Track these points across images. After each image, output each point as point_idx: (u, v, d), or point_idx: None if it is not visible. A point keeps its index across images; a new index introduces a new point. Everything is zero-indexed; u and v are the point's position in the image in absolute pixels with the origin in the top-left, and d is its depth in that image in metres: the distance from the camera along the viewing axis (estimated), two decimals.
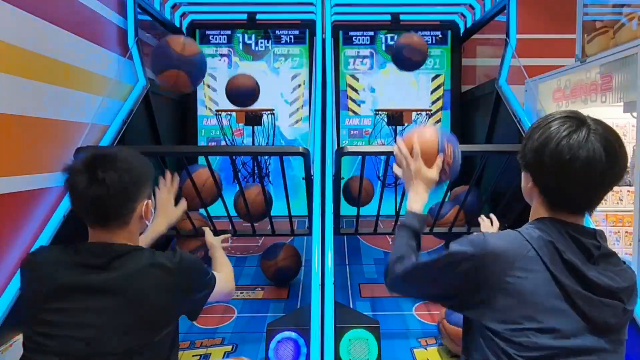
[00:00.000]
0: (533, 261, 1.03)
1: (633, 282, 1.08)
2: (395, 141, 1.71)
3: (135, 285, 1.21)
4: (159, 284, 1.24)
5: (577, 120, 1.05)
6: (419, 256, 1.24)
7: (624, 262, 1.11)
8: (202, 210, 2.69)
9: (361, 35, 4.35)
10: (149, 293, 1.22)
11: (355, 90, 4.34)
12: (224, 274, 1.66)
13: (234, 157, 2.53)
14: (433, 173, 1.39)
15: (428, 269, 1.16)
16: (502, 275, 1.02)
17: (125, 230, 1.30)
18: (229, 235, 2.27)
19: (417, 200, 1.36)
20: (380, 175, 3.74)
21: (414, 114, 3.64)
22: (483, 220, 2.04)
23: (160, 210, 1.94)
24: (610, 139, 1.03)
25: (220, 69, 4.28)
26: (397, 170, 1.46)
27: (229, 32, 4.28)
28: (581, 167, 1.00)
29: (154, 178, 1.40)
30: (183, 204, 2.02)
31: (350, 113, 4.32)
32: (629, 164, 3.48)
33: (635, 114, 2.57)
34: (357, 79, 4.34)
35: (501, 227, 2.02)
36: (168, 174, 2.02)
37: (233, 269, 1.82)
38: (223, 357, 2.26)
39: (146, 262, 1.25)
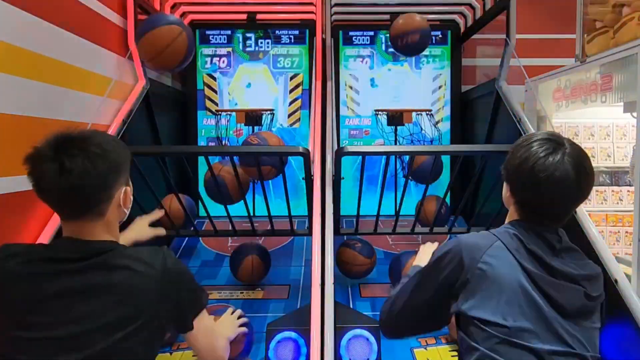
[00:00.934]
0: (500, 250, 1.17)
1: (595, 272, 1.22)
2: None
3: (117, 285, 1.12)
4: (138, 283, 1.15)
5: (555, 143, 1.19)
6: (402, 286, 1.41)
7: (586, 257, 1.26)
8: (202, 211, 2.68)
9: (361, 35, 4.35)
10: (131, 293, 1.13)
11: (356, 90, 4.34)
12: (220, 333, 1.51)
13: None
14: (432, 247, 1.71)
15: (415, 286, 1.30)
16: (475, 262, 1.16)
17: (103, 222, 1.19)
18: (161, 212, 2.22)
19: (422, 261, 1.59)
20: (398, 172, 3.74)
21: (414, 114, 3.64)
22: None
23: (133, 229, 1.93)
24: (581, 161, 1.17)
25: (219, 69, 4.28)
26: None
27: (229, 32, 4.28)
28: (553, 185, 1.15)
29: (130, 161, 1.28)
30: (158, 231, 2.05)
31: (350, 113, 4.32)
32: (629, 164, 3.48)
33: (635, 114, 2.57)
34: (357, 79, 4.34)
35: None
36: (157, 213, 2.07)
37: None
38: None
39: (127, 261, 1.15)
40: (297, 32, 4.29)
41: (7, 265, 1.15)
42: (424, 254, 1.65)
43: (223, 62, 4.29)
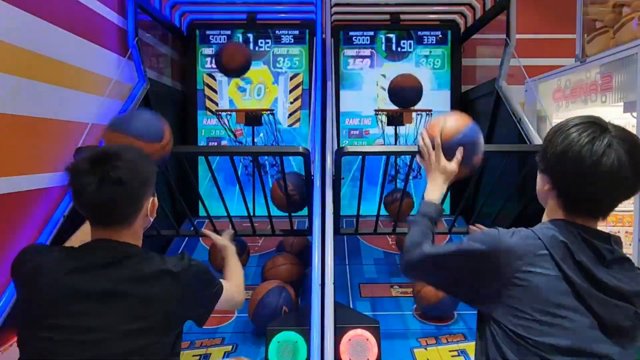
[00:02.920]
0: (544, 259, 1.04)
1: None
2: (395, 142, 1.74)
3: (143, 291, 1.19)
4: (166, 290, 1.22)
5: (598, 127, 1.06)
6: (433, 246, 1.27)
7: (638, 268, 1.10)
8: (202, 211, 2.68)
9: (361, 35, 4.35)
10: (156, 300, 1.19)
11: (355, 90, 4.34)
12: (233, 284, 1.59)
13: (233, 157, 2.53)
14: (453, 166, 1.45)
15: (443, 260, 1.19)
16: (513, 271, 1.04)
17: (130, 230, 1.27)
18: (232, 232, 2.19)
19: (435, 191, 1.41)
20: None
21: (414, 114, 3.64)
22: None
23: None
24: (634, 145, 1.04)
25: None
26: (419, 160, 1.53)
27: (228, 32, 4.28)
28: (605, 174, 1.01)
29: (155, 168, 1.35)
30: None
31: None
32: None
33: (635, 114, 2.57)
34: (356, 79, 4.34)
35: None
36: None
37: (244, 279, 1.72)
38: (223, 357, 2.26)
39: (156, 268, 1.22)
40: (297, 32, 4.29)
41: (40, 260, 1.22)
42: (433, 176, 1.45)
43: None
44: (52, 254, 1.25)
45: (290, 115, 4.30)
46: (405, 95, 3.39)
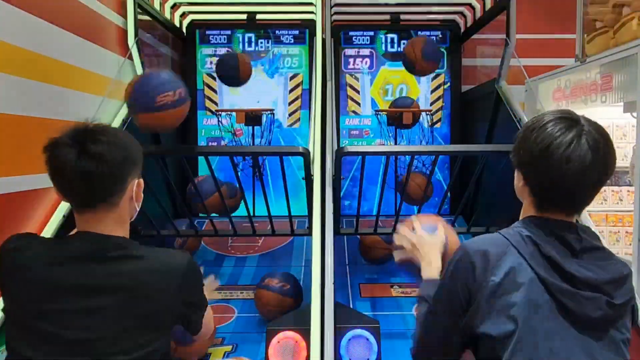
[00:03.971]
0: (513, 257, 1.05)
1: (621, 275, 1.08)
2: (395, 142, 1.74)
3: (136, 284, 1.15)
4: (160, 282, 1.18)
5: (570, 121, 1.06)
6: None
7: (613, 256, 1.11)
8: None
9: (361, 35, 4.35)
10: (151, 293, 1.15)
11: (356, 90, 4.34)
12: (209, 311, 1.50)
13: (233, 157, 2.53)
14: (440, 235, 1.44)
15: (434, 308, 1.17)
16: (487, 275, 1.05)
17: (116, 214, 1.21)
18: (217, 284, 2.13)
19: (432, 267, 1.37)
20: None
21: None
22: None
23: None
24: (600, 140, 1.05)
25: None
26: (401, 255, 1.49)
27: (228, 32, 4.27)
28: (573, 167, 1.02)
29: (143, 158, 1.32)
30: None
31: (351, 113, 4.32)
32: (628, 164, 3.47)
33: (635, 114, 2.58)
34: (357, 79, 4.34)
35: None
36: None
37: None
38: (223, 357, 2.26)
39: (148, 263, 1.18)
40: (297, 32, 4.29)
41: (23, 254, 1.18)
42: (425, 253, 1.40)
43: None
44: (38, 247, 1.19)
45: (290, 115, 4.30)
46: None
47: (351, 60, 4.35)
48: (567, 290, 1.02)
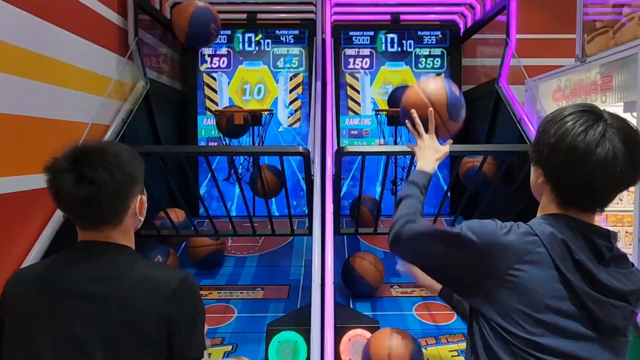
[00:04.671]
0: (541, 257, 1.00)
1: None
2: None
3: (128, 297, 1.11)
4: (151, 297, 1.12)
5: (593, 115, 1.02)
6: (427, 225, 1.20)
7: (633, 265, 1.08)
8: (202, 211, 2.68)
9: (361, 35, 4.35)
10: (138, 307, 1.11)
11: (356, 90, 4.34)
12: None
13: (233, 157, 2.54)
14: (445, 147, 1.47)
15: (435, 241, 1.13)
16: (507, 268, 1.01)
17: (119, 230, 1.19)
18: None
19: (427, 164, 1.39)
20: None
21: None
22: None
23: None
24: (629, 134, 1.00)
25: (219, 69, 4.28)
26: (411, 129, 1.53)
27: (229, 32, 4.28)
28: (599, 164, 0.98)
29: (144, 170, 1.27)
30: None
31: (351, 113, 4.32)
32: None
33: (635, 114, 2.57)
34: (357, 79, 4.34)
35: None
36: None
37: None
38: (223, 357, 2.26)
39: (141, 274, 1.15)
40: (297, 32, 4.29)
41: (20, 291, 1.16)
42: (426, 153, 1.42)
43: (223, 62, 4.29)
44: (33, 271, 1.18)
45: (290, 115, 4.30)
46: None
47: (351, 60, 4.35)
48: (594, 296, 0.99)
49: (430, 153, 1.42)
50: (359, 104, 4.33)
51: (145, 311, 1.12)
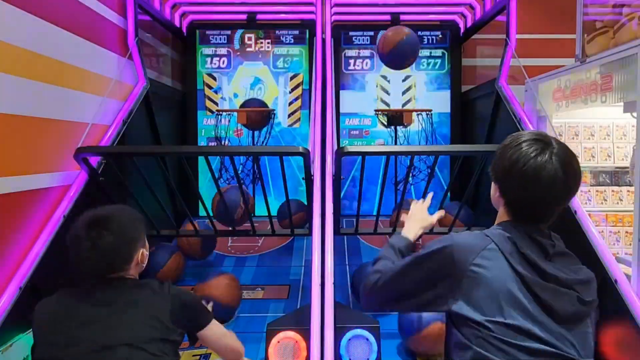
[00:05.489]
0: (493, 252, 1.17)
1: (588, 277, 1.22)
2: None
3: (141, 301, 1.41)
4: (153, 299, 1.43)
5: (543, 143, 1.19)
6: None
7: (580, 262, 1.25)
8: (202, 211, 2.68)
9: (361, 35, 4.35)
10: (154, 308, 1.41)
11: (356, 90, 4.34)
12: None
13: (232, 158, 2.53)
14: (433, 218, 1.61)
15: (402, 272, 1.28)
16: (467, 264, 1.16)
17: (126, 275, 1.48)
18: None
19: (410, 232, 1.55)
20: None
21: (414, 113, 3.64)
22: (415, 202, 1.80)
23: None
24: (567, 160, 1.18)
25: (219, 69, 4.29)
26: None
27: (228, 32, 4.28)
28: (543, 185, 1.16)
29: (144, 225, 1.55)
30: None
31: (350, 113, 4.32)
32: (628, 164, 3.47)
33: (635, 114, 2.57)
34: (357, 79, 4.34)
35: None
36: None
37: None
38: None
39: (144, 284, 1.46)
40: (297, 32, 4.30)
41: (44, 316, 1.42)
42: (412, 221, 1.58)
43: (223, 62, 4.29)
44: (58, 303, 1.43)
45: (290, 115, 4.30)
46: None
47: (352, 60, 4.35)
48: (543, 284, 1.14)
49: (416, 223, 1.58)
50: (358, 104, 4.33)
51: (162, 317, 1.42)
